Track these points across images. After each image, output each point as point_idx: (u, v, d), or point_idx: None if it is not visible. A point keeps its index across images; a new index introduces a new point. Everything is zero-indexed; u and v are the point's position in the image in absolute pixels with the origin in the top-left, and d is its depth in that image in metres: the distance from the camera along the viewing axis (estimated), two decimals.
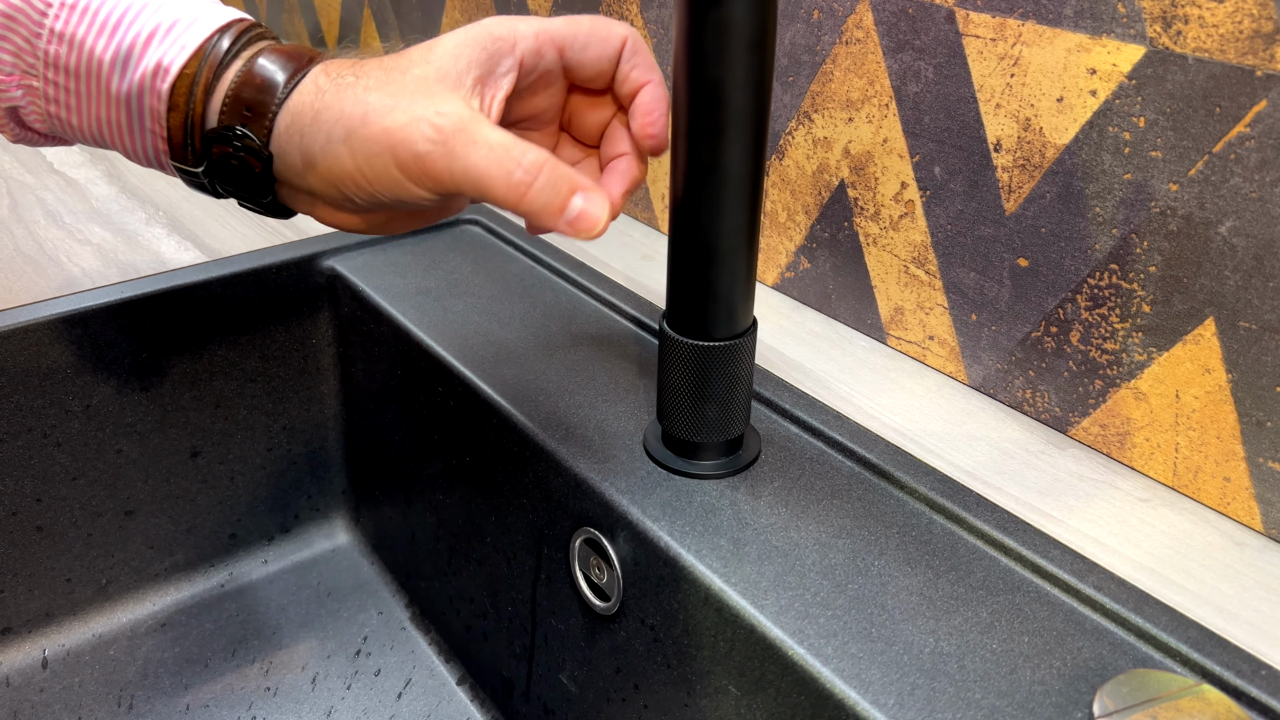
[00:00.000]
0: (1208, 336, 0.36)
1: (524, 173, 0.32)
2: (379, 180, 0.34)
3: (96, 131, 0.38)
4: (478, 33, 0.35)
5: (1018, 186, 0.41)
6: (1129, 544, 0.37)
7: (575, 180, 0.33)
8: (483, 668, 0.53)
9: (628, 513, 0.38)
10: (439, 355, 0.49)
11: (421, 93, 0.34)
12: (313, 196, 0.37)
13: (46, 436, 0.52)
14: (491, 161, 0.32)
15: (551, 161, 0.33)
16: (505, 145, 0.33)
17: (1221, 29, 0.33)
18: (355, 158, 0.34)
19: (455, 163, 0.33)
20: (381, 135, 0.33)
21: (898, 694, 0.30)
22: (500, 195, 0.33)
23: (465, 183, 0.33)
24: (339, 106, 0.34)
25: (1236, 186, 0.34)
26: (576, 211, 0.33)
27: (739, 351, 0.37)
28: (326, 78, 0.35)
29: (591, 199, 0.33)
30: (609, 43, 0.37)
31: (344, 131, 0.34)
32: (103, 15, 0.35)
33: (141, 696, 0.53)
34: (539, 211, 0.33)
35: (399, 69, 0.35)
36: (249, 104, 0.35)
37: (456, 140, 0.33)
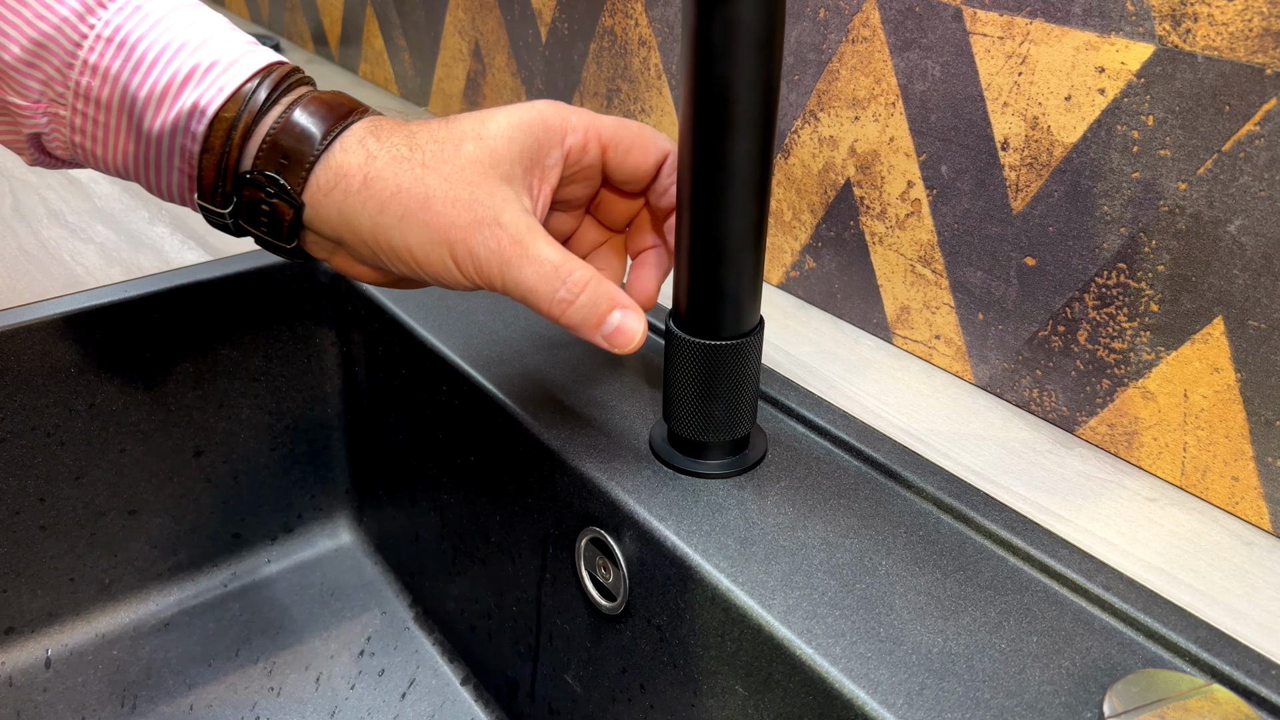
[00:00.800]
0: (1216, 335, 0.36)
1: (568, 291, 0.34)
2: (427, 263, 0.35)
3: (121, 165, 0.38)
4: (531, 117, 0.37)
5: (1025, 185, 0.40)
6: (1137, 543, 0.36)
7: (615, 298, 0.35)
8: (487, 668, 0.53)
9: (634, 512, 0.38)
10: (444, 354, 0.48)
11: (480, 183, 0.35)
12: (338, 248, 0.37)
13: (50, 436, 0.52)
14: (540, 279, 0.34)
15: (595, 280, 0.35)
16: (555, 264, 0.34)
17: (1231, 27, 0.33)
18: (408, 238, 0.35)
19: (509, 273, 0.34)
20: (441, 228, 0.34)
21: (906, 694, 0.30)
22: (544, 308, 0.35)
23: (514, 291, 0.35)
24: (395, 181, 0.35)
25: (1246, 185, 0.34)
26: (614, 327, 0.35)
27: (746, 350, 0.37)
28: (377, 142, 0.36)
29: (629, 316, 0.35)
30: (650, 154, 0.39)
31: (400, 209, 0.35)
32: (140, 51, 0.35)
33: (145, 696, 0.53)
34: (578, 325, 0.35)
35: (451, 142, 0.35)
36: (286, 152, 0.35)
37: (513, 253, 0.34)
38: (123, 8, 0.35)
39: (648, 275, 0.41)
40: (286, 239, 0.37)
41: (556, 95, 0.66)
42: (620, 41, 0.59)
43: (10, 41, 0.35)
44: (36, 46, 0.35)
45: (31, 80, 0.36)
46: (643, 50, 0.57)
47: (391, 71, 0.85)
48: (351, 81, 0.90)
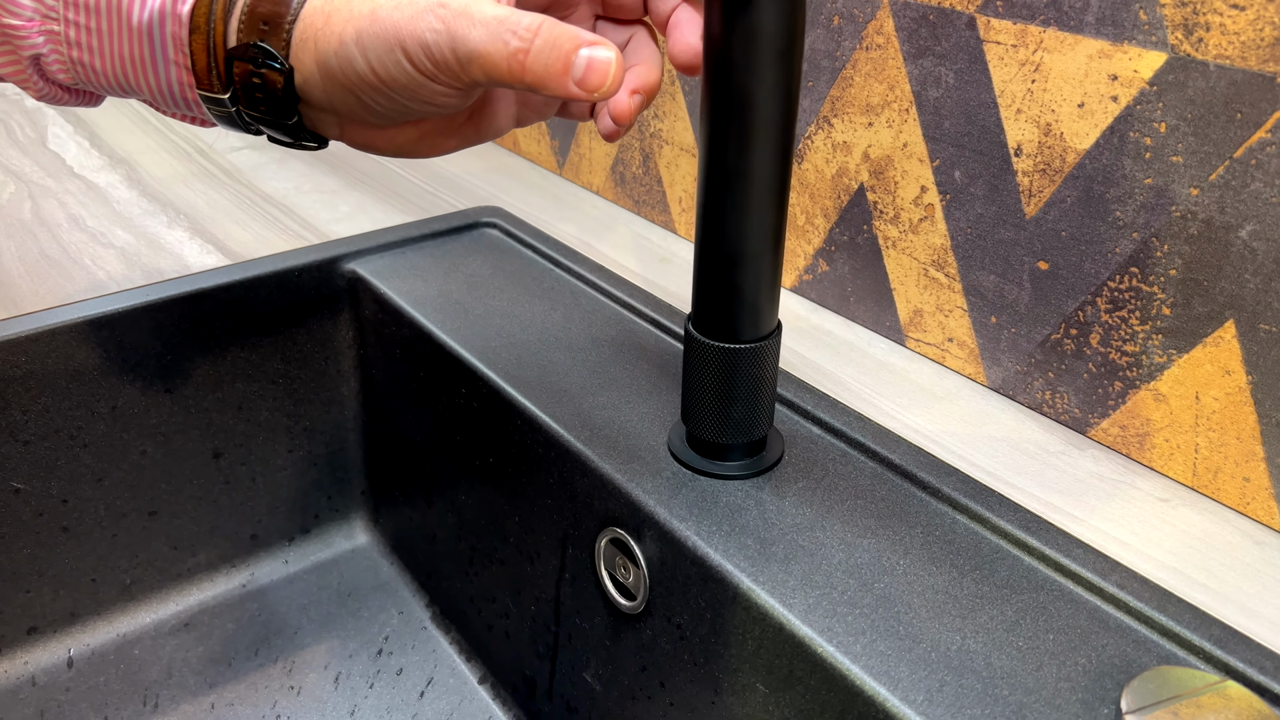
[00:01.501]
0: (1228, 339, 0.37)
1: (519, 39, 0.31)
2: (392, 79, 0.34)
3: (120, 72, 0.38)
4: None
5: (1038, 191, 0.41)
6: (1150, 543, 0.37)
7: (577, 36, 0.32)
8: (504, 666, 0.54)
9: (655, 513, 0.39)
10: (462, 357, 0.49)
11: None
12: (337, 115, 0.37)
13: (73, 438, 0.53)
14: (489, 38, 0.32)
15: (549, 22, 0.32)
16: (500, 17, 0.32)
17: (1243, 36, 0.34)
18: (367, 56, 0.33)
19: (458, 46, 0.32)
20: (390, 29, 0.33)
21: (926, 690, 0.31)
22: (503, 71, 0.32)
23: (471, 65, 0.32)
24: (348, 9, 0.34)
25: (1257, 191, 0.35)
26: (584, 65, 0.32)
27: (764, 354, 0.38)
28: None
29: (597, 49, 0.32)
30: None
31: (354, 31, 0.34)
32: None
33: (166, 696, 0.54)
34: (542, 78, 0.32)
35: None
36: (265, 18, 0.35)
37: (458, 24, 0.32)
38: None
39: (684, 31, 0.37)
40: (286, 112, 0.36)
41: None
42: None
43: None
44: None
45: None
46: None
47: None
48: None
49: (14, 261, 0.57)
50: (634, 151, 0.63)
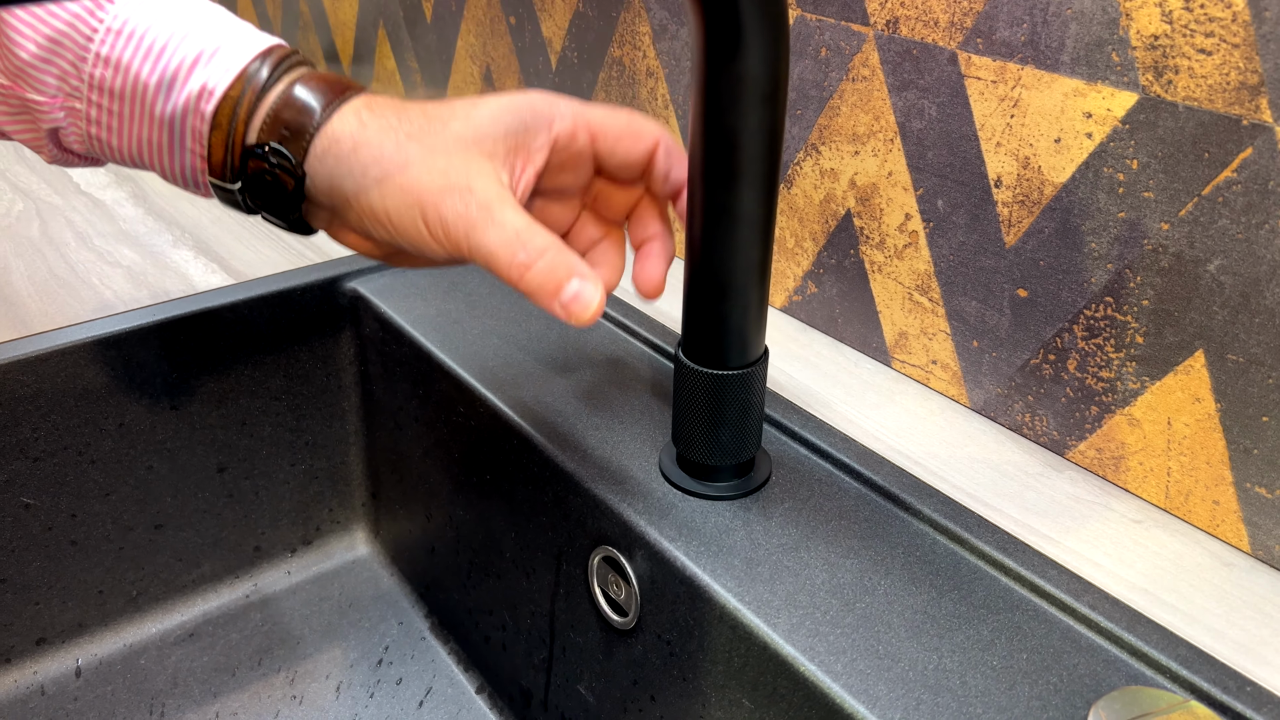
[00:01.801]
0: (1197, 368, 0.38)
1: (526, 255, 0.35)
2: (402, 228, 0.36)
3: (135, 152, 0.40)
4: (520, 102, 0.38)
5: (1017, 221, 0.43)
6: (1123, 564, 0.38)
7: (574, 266, 0.35)
8: (501, 677, 0.55)
9: (645, 533, 0.40)
10: (460, 377, 0.51)
11: (459, 154, 0.36)
12: (333, 216, 0.39)
13: (81, 454, 0.54)
14: (502, 243, 0.35)
15: (556, 248, 0.35)
16: (518, 229, 0.35)
17: (1210, 80, 0.35)
18: (386, 201, 0.36)
19: (474, 236, 0.35)
20: (415, 191, 0.36)
21: (903, 709, 0.32)
22: (504, 273, 0.35)
23: (478, 255, 0.36)
24: (380, 147, 0.36)
25: (1224, 228, 0.36)
26: (572, 294, 0.35)
27: (751, 379, 0.39)
28: (370, 112, 0.38)
29: (586, 285, 0.35)
30: (641, 141, 0.40)
31: (380, 173, 0.36)
32: (148, 41, 0.38)
33: (172, 705, 0.55)
34: (535, 291, 0.35)
35: (440, 120, 0.37)
36: (288, 124, 0.37)
37: (479, 217, 0.35)
38: (129, 1, 0.38)
39: (653, 264, 0.42)
40: (290, 209, 0.39)
41: None
42: (629, 72, 0.61)
43: (26, 40, 0.37)
44: (51, 43, 0.38)
45: (48, 76, 0.38)
46: (650, 81, 0.60)
47: (403, 91, 0.87)
48: None
49: (23, 281, 0.58)
50: None
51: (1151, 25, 0.36)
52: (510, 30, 0.70)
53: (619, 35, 0.61)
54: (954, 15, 0.42)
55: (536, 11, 0.67)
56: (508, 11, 0.70)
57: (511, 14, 0.69)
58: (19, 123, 0.40)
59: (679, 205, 0.41)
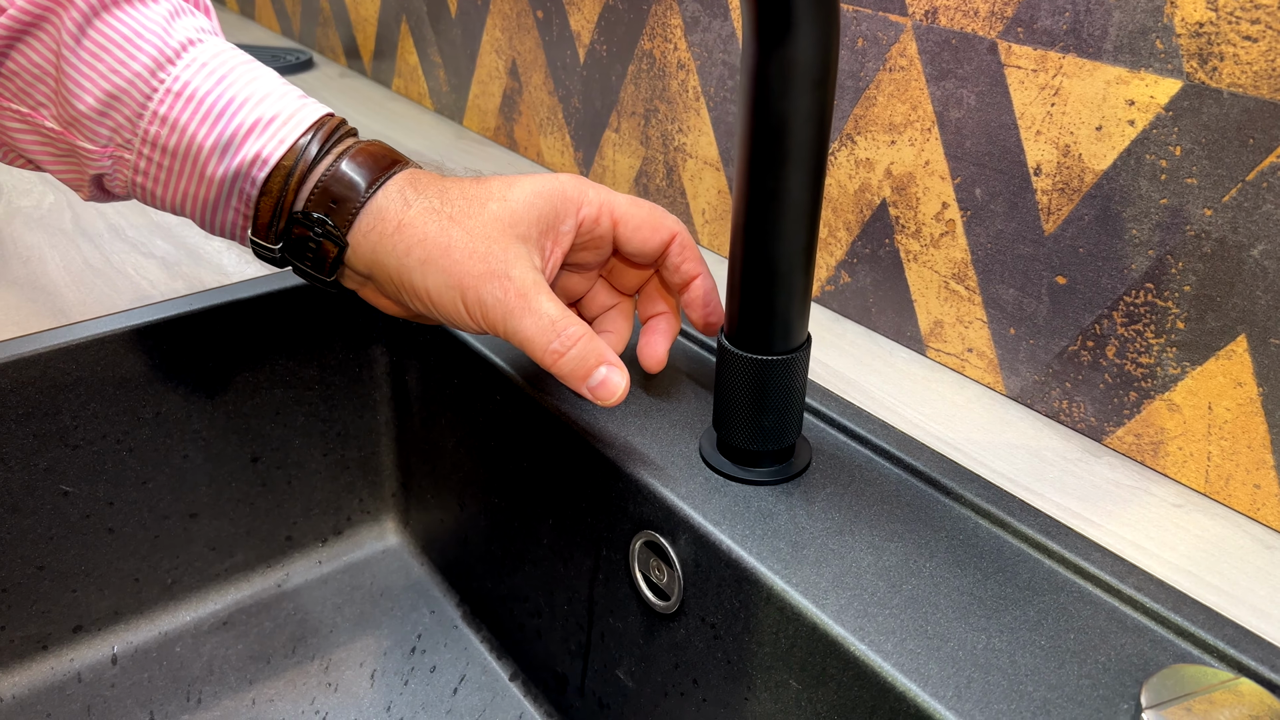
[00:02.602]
0: (1240, 352, 0.39)
1: (560, 343, 0.38)
2: (441, 305, 0.39)
3: (179, 204, 0.41)
4: (553, 186, 0.41)
5: (1057, 209, 0.43)
6: (1165, 547, 0.39)
7: (603, 355, 0.39)
8: (535, 664, 0.55)
9: (689, 517, 0.41)
10: (497, 365, 0.51)
11: (498, 240, 0.39)
12: (367, 282, 0.42)
13: (119, 443, 0.55)
14: (538, 330, 0.38)
15: (587, 337, 0.38)
16: (553, 318, 0.38)
17: (1255, 66, 0.35)
18: (427, 281, 0.39)
19: (510, 321, 0.38)
20: (457, 275, 0.38)
21: (955, 687, 0.33)
22: (539, 358, 0.38)
23: (514, 338, 0.38)
24: (423, 229, 0.39)
25: (1268, 213, 0.36)
26: (599, 380, 0.39)
27: (795, 365, 0.40)
28: (414, 192, 0.40)
29: (614, 372, 0.39)
30: (658, 234, 0.43)
31: (424, 254, 0.39)
32: (206, 105, 0.39)
33: (209, 692, 0.56)
34: (566, 376, 0.39)
35: (479, 200, 0.39)
36: (335, 197, 0.40)
37: (517, 304, 0.38)
38: (189, 64, 0.39)
39: (657, 340, 0.45)
40: (329, 273, 0.41)
41: (594, 114, 0.69)
42: (659, 64, 0.61)
43: (85, 93, 0.39)
44: (110, 98, 0.39)
45: (102, 127, 0.39)
46: (681, 73, 0.60)
47: (425, 87, 0.88)
48: (385, 96, 0.93)
49: (59, 271, 0.59)
50: (658, 164, 0.65)
51: (1196, 12, 0.36)
52: (537, 24, 0.70)
53: (650, 27, 0.61)
54: (994, 5, 0.43)
55: (565, 4, 0.67)
56: (535, 5, 0.70)
57: (539, 7, 0.70)
58: (64, 164, 0.42)
59: (684, 297, 0.44)
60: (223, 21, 1.19)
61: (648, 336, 0.45)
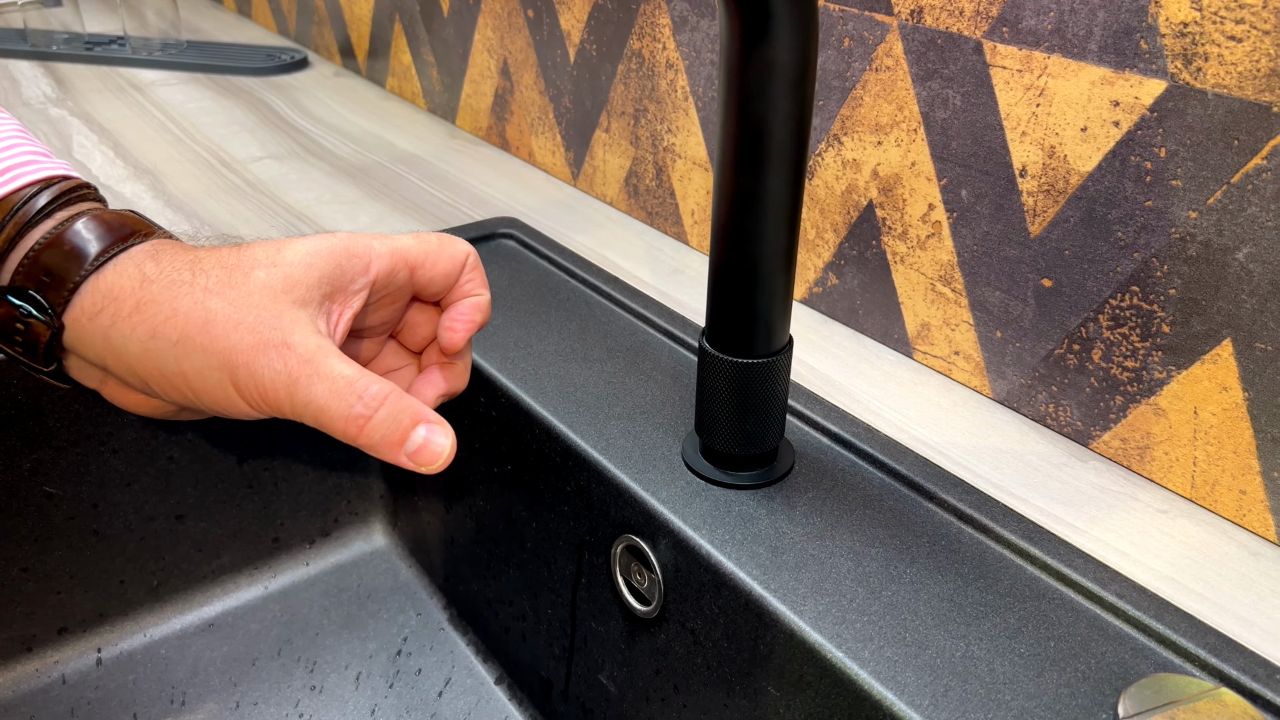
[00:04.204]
0: (1225, 356, 0.38)
1: (364, 406, 0.32)
2: (205, 390, 0.32)
3: None
4: (331, 245, 0.35)
5: (1042, 210, 0.42)
6: (1149, 553, 0.38)
7: (419, 413, 0.33)
8: (521, 668, 0.55)
9: (669, 522, 0.40)
10: (480, 366, 0.51)
11: (269, 307, 0.32)
12: (106, 375, 0.35)
13: (104, 444, 0.55)
14: (333, 395, 0.31)
15: (395, 394, 0.32)
16: (349, 379, 0.32)
17: (1240, 67, 0.35)
18: (183, 364, 0.32)
19: (298, 393, 0.32)
20: (223, 352, 0.32)
21: (932, 695, 0.32)
22: (340, 429, 0.32)
23: (305, 412, 0.32)
24: (171, 305, 0.32)
25: (1253, 215, 0.36)
26: (418, 444, 0.33)
27: (776, 368, 0.39)
28: (155, 265, 0.33)
29: (435, 430, 0.33)
30: (455, 259, 0.38)
31: (176, 334, 0.32)
32: None
33: (193, 694, 0.55)
34: (377, 444, 0.32)
35: (241, 269, 0.33)
36: (50, 269, 0.33)
37: (302, 371, 0.31)
38: None
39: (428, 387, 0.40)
40: (44, 361, 0.34)
41: (584, 114, 0.68)
42: (648, 64, 0.61)
43: None
44: None
45: None
46: (670, 73, 0.60)
47: (419, 86, 0.88)
48: (379, 95, 0.92)
49: None
50: (647, 165, 0.64)
51: (1181, 12, 0.36)
52: (528, 23, 0.70)
53: (639, 27, 0.61)
54: (979, 4, 0.42)
55: (555, 4, 0.67)
56: (526, 4, 0.70)
57: (529, 7, 0.69)
58: None
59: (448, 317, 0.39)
60: (220, 21, 1.19)
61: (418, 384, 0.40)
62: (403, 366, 0.42)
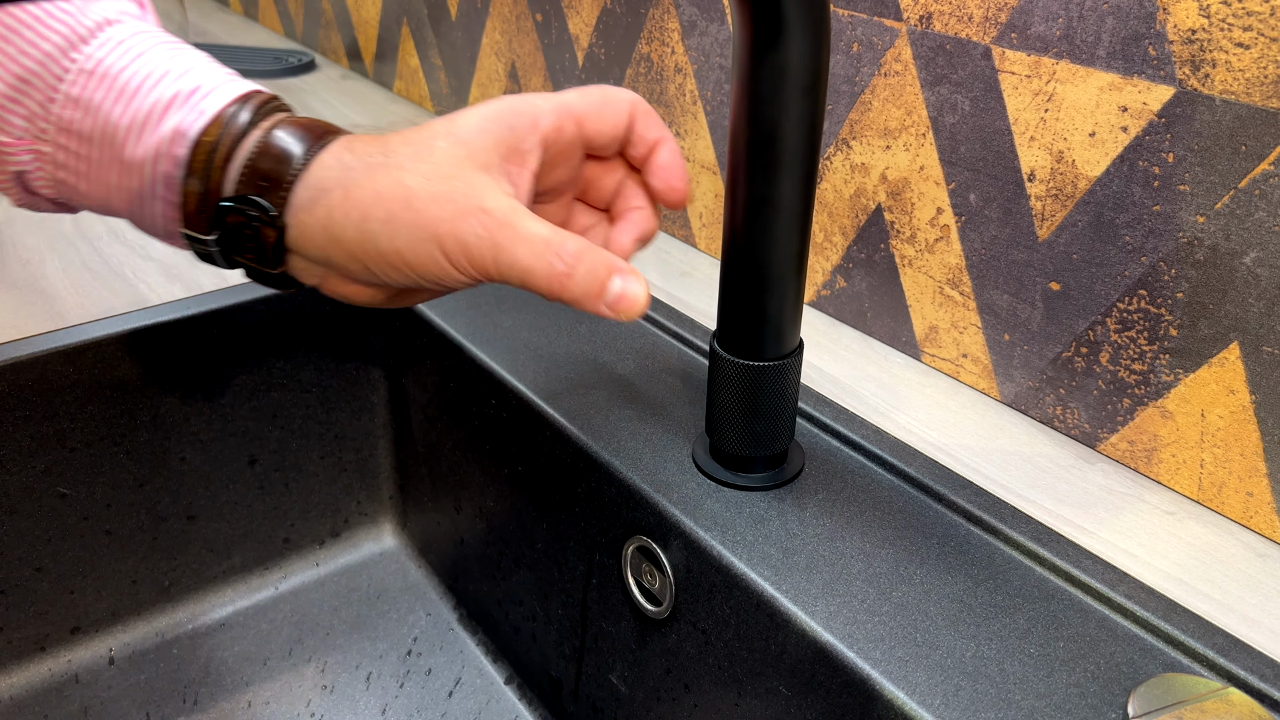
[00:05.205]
0: (1232, 360, 0.38)
1: (564, 264, 0.33)
2: (418, 263, 0.34)
3: (104, 199, 0.37)
4: (499, 109, 0.36)
5: (1050, 215, 0.43)
6: (1157, 555, 0.39)
7: (613, 264, 0.34)
8: (531, 668, 0.55)
9: (681, 523, 0.41)
10: (492, 370, 0.51)
11: (458, 175, 0.34)
12: (328, 269, 0.37)
13: (117, 445, 0.55)
14: (534, 256, 0.33)
15: (590, 249, 0.34)
16: (546, 238, 0.34)
17: (1247, 73, 0.35)
18: (396, 241, 0.34)
19: (502, 256, 0.34)
20: (428, 223, 0.34)
21: (943, 695, 0.33)
22: (543, 286, 0.34)
23: (510, 274, 0.34)
24: (373, 187, 0.34)
25: (1261, 220, 0.36)
26: (616, 293, 0.34)
27: (787, 371, 0.40)
28: (351, 155, 0.36)
29: (630, 280, 0.34)
30: (620, 108, 0.39)
31: (384, 213, 0.34)
32: (121, 81, 0.35)
33: (205, 694, 0.56)
34: (579, 298, 0.34)
35: (425, 143, 0.35)
36: (266, 174, 0.35)
37: (502, 234, 0.33)
38: (104, 43, 0.36)
39: (626, 230, 0.41)
40: (272, 263, 0.36)
41: None
42: (657, 68, 0.61)
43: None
44: (20, 82, 0.35)
45: (15, 116, 0.36)
46: (679, 77, 0.60)
47: (426, 89, 0.88)
48: (386, 98, 0.93)
49: (58, 274, 0.59)
50: None
51: (1189, 19, 0.36)
52: (536, 27, 0.71)
53: (647, 31, 0.61)
54: (988, 10, 0.42)
55: (564, 8, 0.67)
56: (534, 8, 0.70)
57: (538, 10, 0.70)
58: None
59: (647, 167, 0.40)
60: (227, 24, 1.19)
61: (617, 227, 0.41)
62: (593, 225, 0.42)
